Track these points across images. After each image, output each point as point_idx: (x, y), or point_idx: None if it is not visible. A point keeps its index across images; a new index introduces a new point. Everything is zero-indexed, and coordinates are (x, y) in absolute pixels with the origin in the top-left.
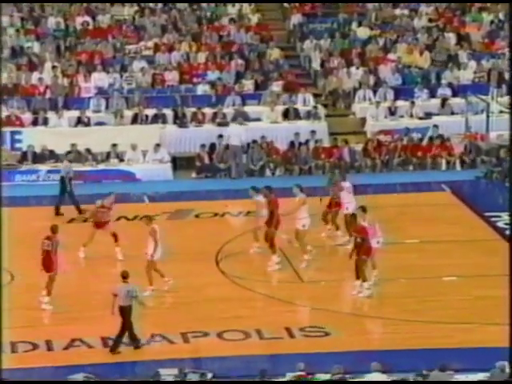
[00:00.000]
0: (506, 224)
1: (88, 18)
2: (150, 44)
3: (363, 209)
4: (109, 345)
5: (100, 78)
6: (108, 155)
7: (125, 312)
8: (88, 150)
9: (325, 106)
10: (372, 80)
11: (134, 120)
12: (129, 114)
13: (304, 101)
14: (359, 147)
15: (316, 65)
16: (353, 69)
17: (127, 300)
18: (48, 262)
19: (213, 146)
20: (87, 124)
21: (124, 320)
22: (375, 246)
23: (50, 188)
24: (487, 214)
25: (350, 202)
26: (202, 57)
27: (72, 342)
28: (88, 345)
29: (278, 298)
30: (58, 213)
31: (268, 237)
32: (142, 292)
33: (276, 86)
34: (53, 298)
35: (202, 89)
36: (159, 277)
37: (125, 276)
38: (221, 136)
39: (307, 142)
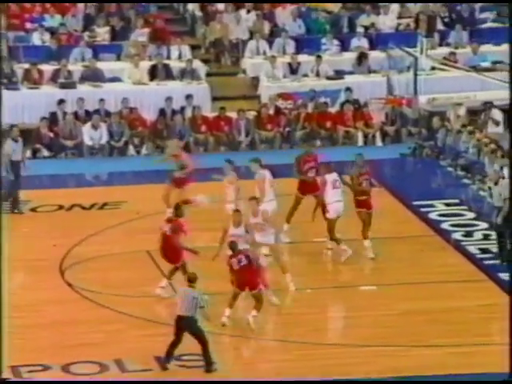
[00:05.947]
0: (441, 215)
1: None
2: None
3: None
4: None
5: None
6: None
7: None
8: None
9: (205, 61)
10: (267, 28)
11: None
12: None
13: (178, 55)
14: (251, 116)
15: (193, 7)
16: (242, 13)
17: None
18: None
19: (54, 116)
20: None
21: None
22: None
23: None
24: (416, 202)
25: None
26: None
27: None
28: None
29: (145, 318)
30: None
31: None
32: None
33: (140, 35)
34: None
35: (37, 38)
36: None
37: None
38: (62, 101)
39: (183, 109)
